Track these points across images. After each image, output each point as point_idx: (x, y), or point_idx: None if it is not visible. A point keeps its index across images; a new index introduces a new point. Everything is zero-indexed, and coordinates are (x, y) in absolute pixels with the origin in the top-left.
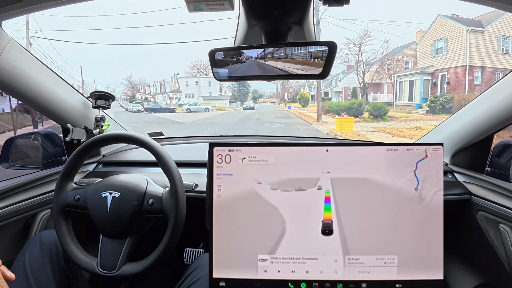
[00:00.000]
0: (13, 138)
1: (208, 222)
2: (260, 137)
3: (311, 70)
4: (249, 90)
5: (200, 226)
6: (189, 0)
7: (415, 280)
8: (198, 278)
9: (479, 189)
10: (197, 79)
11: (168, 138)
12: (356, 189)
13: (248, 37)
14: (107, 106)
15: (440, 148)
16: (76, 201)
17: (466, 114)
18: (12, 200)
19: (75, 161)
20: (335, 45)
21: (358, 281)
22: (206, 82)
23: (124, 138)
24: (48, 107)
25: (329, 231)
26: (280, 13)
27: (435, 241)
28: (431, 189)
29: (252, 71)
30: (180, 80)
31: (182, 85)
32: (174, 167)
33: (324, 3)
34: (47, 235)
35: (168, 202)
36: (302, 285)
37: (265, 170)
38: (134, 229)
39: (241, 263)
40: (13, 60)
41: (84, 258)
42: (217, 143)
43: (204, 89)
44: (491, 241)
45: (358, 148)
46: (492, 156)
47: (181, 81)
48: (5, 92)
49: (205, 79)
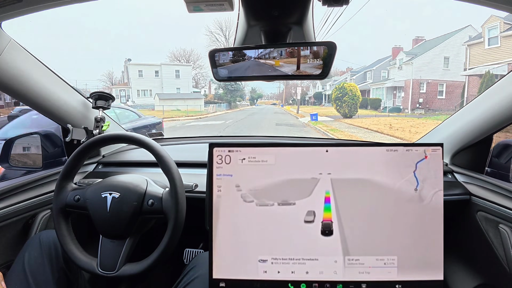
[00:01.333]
0: (13, 139)
1: (208, 222)
2: (260, 137)
3: (311, 70)
4: (239, 87)
5: (200, 227)
6: (189, 1)
7: (415, 281)
8: (195, 277)
9: (479, 190)
10: (158, 67)
11: (168, 139)
12: (356, 190)
13: (248, 37)
14: (107, 107)
15: (439, 148)
16: (76, 201)
17: (466, 114)
18: (12, 200)
19: (75, 162)
20: (335, 45)
21: (358, 282)
22: (171, 72)
23: (124, 139)
24: (48, 107)
25: (329, 232)
26: (279, 13)
27: (435, 242)
28: (431, 189)
29: (251, 71)
30: (130, 69)
31: (133, 76)
32: (174, 168)
33: (324, 4)
34: (46, 235)
35: (168, 203)
36: (302, 285)
37: (265, 171)
38: (134, 230)
39: (241, 264)
40: (13, 60)
41: (84, 259)
42: (217, 144)
43: (169, 82)
44: (491, 241)
45: (357, 148)
46: (492, 156)
47: (132, 69)
48: (5, 92)
49: (169, 67)
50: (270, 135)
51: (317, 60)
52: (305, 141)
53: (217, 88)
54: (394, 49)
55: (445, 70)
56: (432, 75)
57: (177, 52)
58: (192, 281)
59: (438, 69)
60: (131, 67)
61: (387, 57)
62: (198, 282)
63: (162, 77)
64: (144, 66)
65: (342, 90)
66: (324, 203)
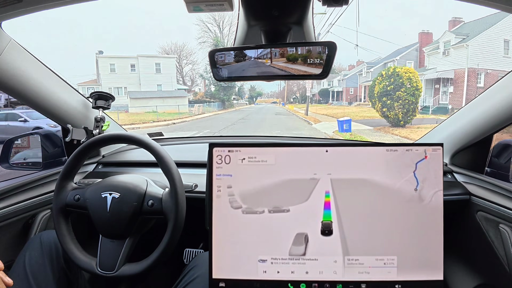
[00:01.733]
0: (13, 139)
1: (208, 222)
2: (260, 137)
3: (311, 70)
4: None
5: (200, 227)
6: (189, 1)
7: (415, 281)
8: (195, 277)
9: (478, 189)
10: (134, 60)
11: (168, 139)
12: (356, 190)
13: (248, 37)
14: (107, 107)
15: (439, 148)
16: (76, 201)
17: (466, 114)
18: (12, 200)
19: (75, 162)
20: (335, 45)
21: (357, 282)
22: (150, 66)
23: (124, 139)
24: (48, 107)
25: (328, 232)
26: (279, 13)
27: (435, 242)
28: (431, 189)
29: (252, 71)
30: (100, 62)
31: (104, 71)
32: (174, 168)
33: (323, 4)
34: (47, 235)
35: (168, 203)
36: (302, 285)
37: (265, 171)
38: (134, 230)
39: (241, 264)
40: (13, 60)
41: (83, 258)
42: (217, 144)
43: (147, 78)
44: (491, 241)
45: (357, 148)
46: (492, 156)
47: (103, 63)
48: (5, 92)
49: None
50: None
51: (317, 60)
52: (305, 141)
53: (208, 85)
54: (422, 34)
55: (506, 57)
56: (489, 64)
57: (167, 46)
58: (192, 281)
59: (497, 55)
60: (101, 60)
61: (412, 44)
62: (198, 282)
63: (140, 72)
64: (117, 59)
65: (393, 79)
66: (323, 209)
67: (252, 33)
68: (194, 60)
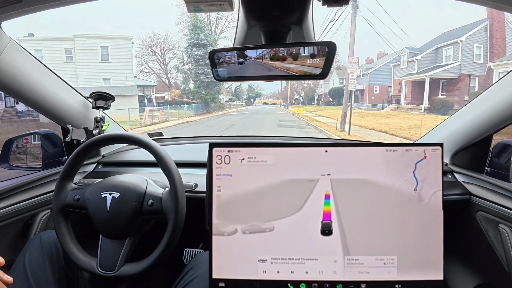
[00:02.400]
0: (13, 139)
1: (208, 222)
2: (259, 137)
3: (311, 70)
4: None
5: (200, 226)
6: (189, 1)
7: (415, 281)
8: (195, 277)
9: (478, 189)
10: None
11: (168, 139)
12: (356, 190)
13: (248, 37)
14: (107, 107)
15: (439, 148)
16: (75, 201)
17: (466, 114)
18: (12, 200)
19: (75, 162)
20: (335, 45)
21: (357, 282)
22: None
23: (124, 139)
24: (48, 107)
25: (328, 231)
26: (279, 13)
27: (434, 242)
28: (430, 189)
29: (251, 71)
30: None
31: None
32: (174, 168)
33: (324, 4)
34: (47, 235)
35: (168, 203)
36: (302, 285)
37: (265, 171)
38: (134, 230)
39: (241, 264)
40: (13, 60)
41: (83, 258)
42: (216, 144)
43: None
44: (491, 241)
45: (357, 148)
46: (492, 156)
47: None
48: (5, 92)
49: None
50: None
51: (317, 60)
52: (304, 141)
53: (185, 81)
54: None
55: None
56: None
57: (148, 38)
58: (192, 280)
59: None
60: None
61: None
62: (198, 282)
63: (77, 60)
64: (46, 42)
65: None
66: (323, 209)
67: (252, 33)
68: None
